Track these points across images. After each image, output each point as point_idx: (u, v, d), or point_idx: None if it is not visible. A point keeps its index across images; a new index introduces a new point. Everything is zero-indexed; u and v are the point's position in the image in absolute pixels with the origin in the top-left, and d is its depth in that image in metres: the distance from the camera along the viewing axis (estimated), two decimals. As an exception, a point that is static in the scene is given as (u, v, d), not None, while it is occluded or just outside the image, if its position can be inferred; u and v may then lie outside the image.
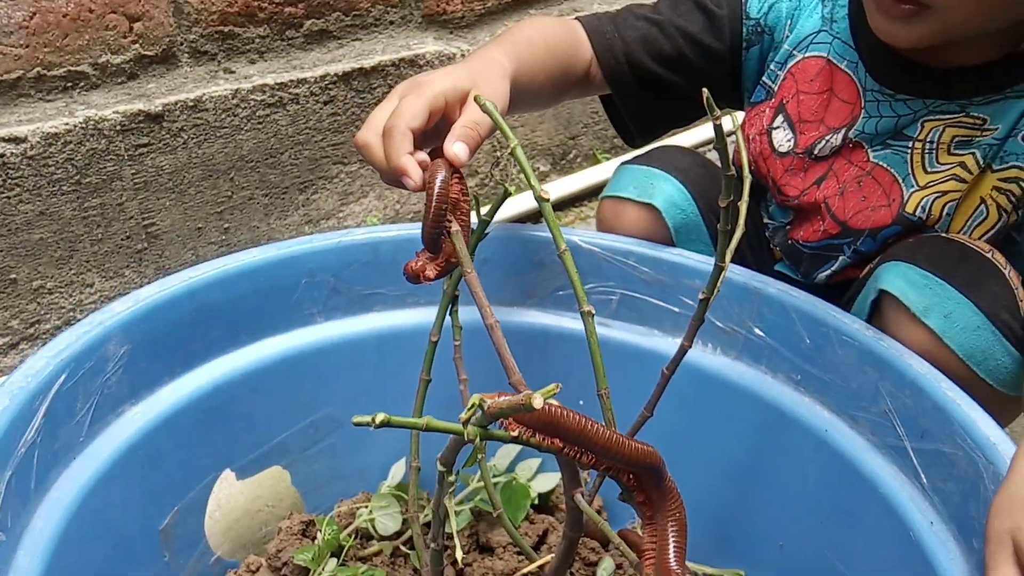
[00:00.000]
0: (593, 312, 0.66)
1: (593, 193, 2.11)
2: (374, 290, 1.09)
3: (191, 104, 1.47)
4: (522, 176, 2.10)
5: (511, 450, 1.15)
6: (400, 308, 1.11)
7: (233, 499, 1.03)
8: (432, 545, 0.73)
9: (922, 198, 1.00)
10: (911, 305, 0.89)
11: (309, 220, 1.73)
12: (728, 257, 0.72)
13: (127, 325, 0.90)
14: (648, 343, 1.08)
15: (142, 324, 0.91)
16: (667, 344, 1.07)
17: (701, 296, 0.75)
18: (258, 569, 1.03)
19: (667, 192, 1.10)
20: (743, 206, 0.72)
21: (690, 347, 0.78)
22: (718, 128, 0.66)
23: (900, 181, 1.01)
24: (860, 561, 0.93)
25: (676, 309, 1.07)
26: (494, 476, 1.11)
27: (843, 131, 1.04)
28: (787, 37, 1.08)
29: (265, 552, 1.04)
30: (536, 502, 1.12)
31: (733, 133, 0.81)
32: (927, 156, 1.00)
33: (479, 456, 0.55)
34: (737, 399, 1.02)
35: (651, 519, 0.60)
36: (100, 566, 0.86)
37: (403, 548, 1.07)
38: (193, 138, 1.49)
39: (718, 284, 0.73)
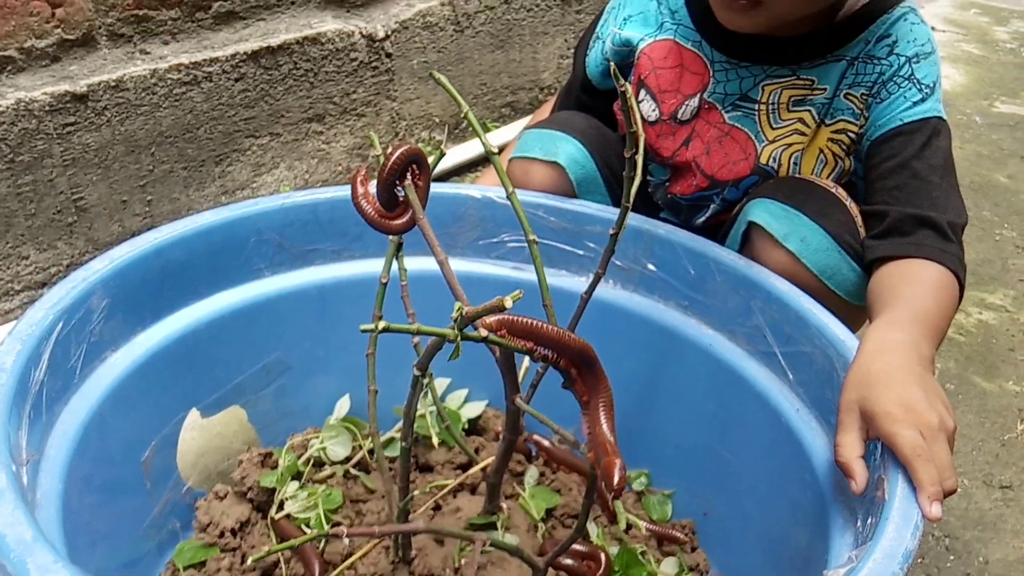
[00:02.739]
0: (537, 240, 0.82)
1: (486, 159, 2.27)
2: (314, 246, 1.23)
3: (113, 84, 1.56)
4: (423, 135, 2.24)
5: (441, 383, 1.30)
6: (337, 262, 1.25)
7: (199, 435, 1.15)
8: (402, 444, 0.88)
9: (772, 151, 1.20)
10: (774, 232, 1.09)
11: (225, 191, 1.83)
12: (632, 199, 0.89)
13: (106, 281, 1.01)
14: (558, 283, 1.24)
15: (118, 279, 1.02)
16: (574, 282, 1.24)
17: (612, 232, 0.92)
18: (226, 495, 1.16)
19: (569, 151, 1.26)
20: (639, 158, 0.89)
21: (604, 273, 0.95)
22: (622, 94, 0.83)
23: (753, 138, 1.21)
24: (742, 448, 1.13)
25: (581, 252, 1.24)
26: (430, 407, 1.26)
27: (698, 95, 1.23)
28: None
29: (231, 481, 1.17)
30: (466, 426, 1.28)
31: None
32: (771, 115, 1.20)
33: (457, 354, 0.70)
34: (635, 325, 1.20)
35: (586, 404, 0.76)
36: (99, 490, 0.98)
37: (352, 471, 1.21)
38: (116, 116, 1.58)
39: (625, 221, 0.90)
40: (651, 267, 1.20)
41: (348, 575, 1.00)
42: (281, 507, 1.14)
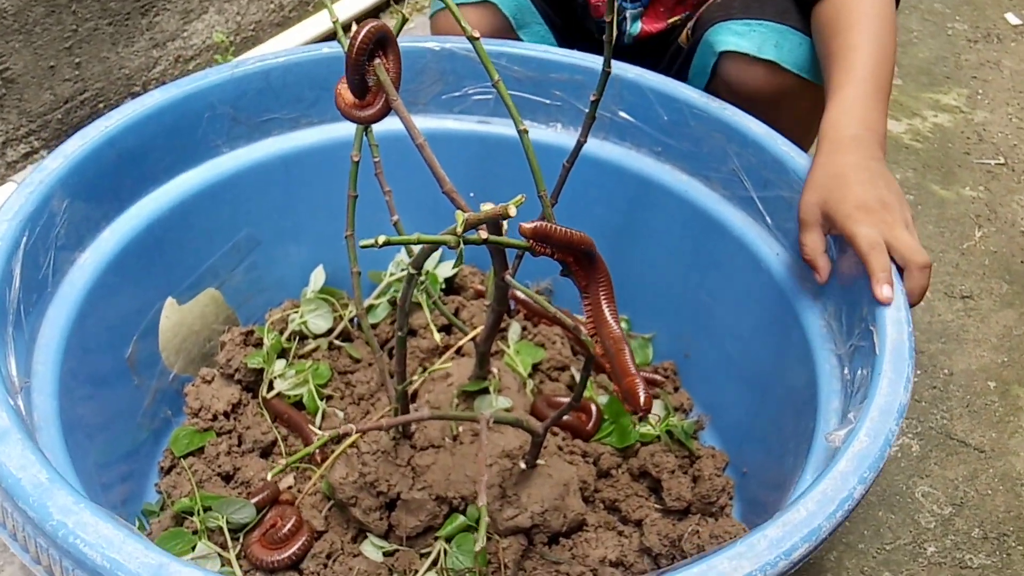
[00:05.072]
0: (527, 130, 0.79)
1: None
2: (270, 115, 1.17)
3: (20, -62, 1.43)
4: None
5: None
6: (296, 129, 1.20)
7: (178, 322, 1.13)
8: (399, 333, 0.88)
9: None
10: (748, 50, 1.08)
11: (156, 44, 1.72)
12: (610, 63, 0.86)
13: (63, 180, 0.96)
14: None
15: (74, 177, 0.97)
16: (543, 133, 1.21)
17: (592, 98, 0.88)
18: (213, 379, 1.15)
19: None
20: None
21: (585, 142, 0.92)
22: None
23: None
24: (722, 292, 1.15)
25: (547, 101, 1.20)
26: (402, 270, 1.25)
27: None
28: None
29: (215, 364, 1.16)
30: (443, 286, 1.28)
31: None
32: None
33: (461, 262, 0.69)
34: (608, 173, 1.19)
35: (585, 288, 0.76)
36: (90, 394, 0.97)
37: (336, 342, 1.21)
38: (29, -26, 1.46)
39: (604, 86, 0.87)
40: (622, 114, 1.17)
41: (351, 452, 1.01)
42: (271, 386, 1.14)
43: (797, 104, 1.13)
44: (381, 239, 0.65)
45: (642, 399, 0.66)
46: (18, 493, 0.67)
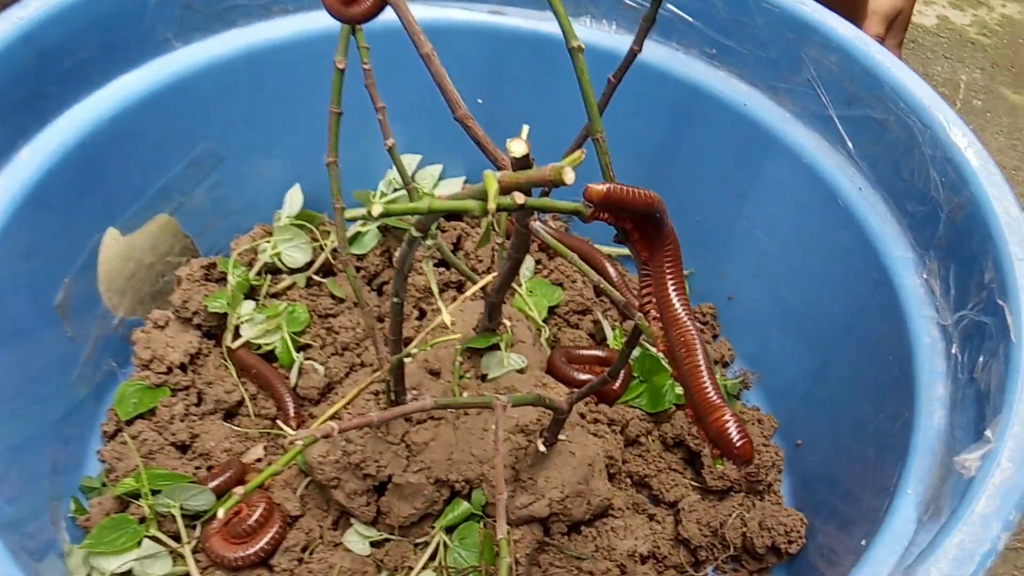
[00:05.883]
0: (583, 48, 0.58)
1: None
2: (234, 1, 0.95)
3: None
4: None
5: (410, 160, 1.08)
6: (266, 19, 0.98)
7: (123, 255, 0.93)
8: (394, 299, 0.69)
9: None
10: None
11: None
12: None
13: (-38, 88, 0.75)
14: (547, 28, 1.00)
15: (-23, 84, 0.76)
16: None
17: (652, -7, 0.67)
18: (167, 324, 0.96)
19: None
20: None
21: (640, 51, 0.71)
22: None
23: None
24: (781, 228, 0.95)
25: (575, -13, 0.98)
26: (395, 190, 1.05)
27: None
28: None
29: (169, 304, 0.97)
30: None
31: None
32: None
33: (493, 231, 0.49)
34: (649, 79, 0.97)
35: (646, 260, 0.56)
36: (13, 369, 0.78)
37: (315, 278, 1.02)
38: None
39: (668, -24, 0.66)
40: (669, 6, 0.95)
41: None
42: (237, 333, 0.95)
43: None
44: (375, 210, 0.45)
45: (737, 444, 0.47)
46: None
